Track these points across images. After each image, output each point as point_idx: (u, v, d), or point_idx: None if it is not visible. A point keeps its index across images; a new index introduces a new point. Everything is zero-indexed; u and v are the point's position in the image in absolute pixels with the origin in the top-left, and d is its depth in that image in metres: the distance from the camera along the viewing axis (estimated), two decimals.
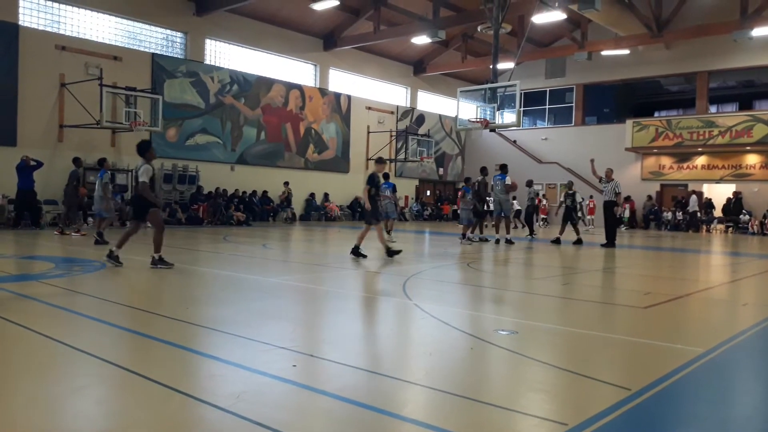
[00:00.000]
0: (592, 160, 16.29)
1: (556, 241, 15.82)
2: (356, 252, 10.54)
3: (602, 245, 15.12)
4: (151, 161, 8.81)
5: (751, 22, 21.67)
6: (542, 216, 26.86)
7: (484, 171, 16.07)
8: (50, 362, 3.98)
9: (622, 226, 27.12)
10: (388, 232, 15.34)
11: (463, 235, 15.26)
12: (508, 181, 15.42)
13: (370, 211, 10.71)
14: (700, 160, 28.03)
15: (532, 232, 18.82)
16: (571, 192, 16.59)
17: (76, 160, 14.70)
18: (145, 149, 8.85)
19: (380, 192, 11.34)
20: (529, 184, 18.78)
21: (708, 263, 13.65)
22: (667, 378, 3.85)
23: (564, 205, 16.63)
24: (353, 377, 3.79)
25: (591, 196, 28.63)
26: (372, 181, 10.87)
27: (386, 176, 16.40)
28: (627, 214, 27.39)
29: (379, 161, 11.61)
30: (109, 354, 4.14)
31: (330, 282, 8.22)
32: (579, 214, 17.49)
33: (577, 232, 16.29)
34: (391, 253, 10.60)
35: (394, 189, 16.39)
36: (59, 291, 6.59)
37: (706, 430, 3.17)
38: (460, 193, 15.93)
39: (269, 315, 5.80)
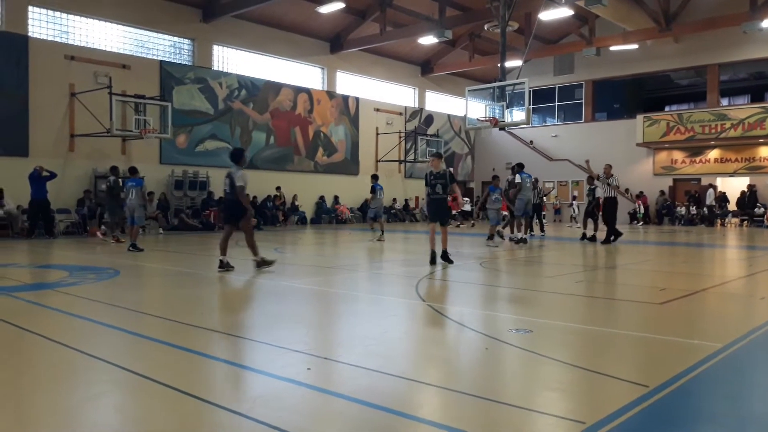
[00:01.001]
0: (587, 161, 16.09)
1: (592, 239, 15.55)
2: (446, 258, 9.99)
3: (602, 242, 14.94)
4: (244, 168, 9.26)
5: (761, 13, 21.47)
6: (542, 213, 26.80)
7: (520, 167, 15.12)
8: (67, 370, 4.01)
9: (637, 222, 26.96)
10: (381, 231, 15.40)
11: (491, 236, 14.42)
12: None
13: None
14: (713, 154, 27.78)
15: (542, 229, 18.75)
16: (593, 187, 16.15)
17: (114, 169, 14.92)
18: (239, 156, 9.36)
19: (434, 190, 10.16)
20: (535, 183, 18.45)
21: (723, 258, 13.51)
22: (684, 374, 3.81)
23: (588, 200, 16.13)
24: (368, 379, 3.78)
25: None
26: (454, 179, 10.38)
27: (375, 177, 16.38)
28: (642, 210, 27.17)
29: (437, 156, 10.52)
30: (125, 361, 4.16)
31: (342, 284, 8.22)
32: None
33: (595, 228, 15.98)
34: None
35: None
36: (74, 299, 6.63)
37: (726, 426, 3.13)
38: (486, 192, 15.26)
39: (283, 318, 5.81)
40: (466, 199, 29.17)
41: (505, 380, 3.92)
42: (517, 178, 14.71)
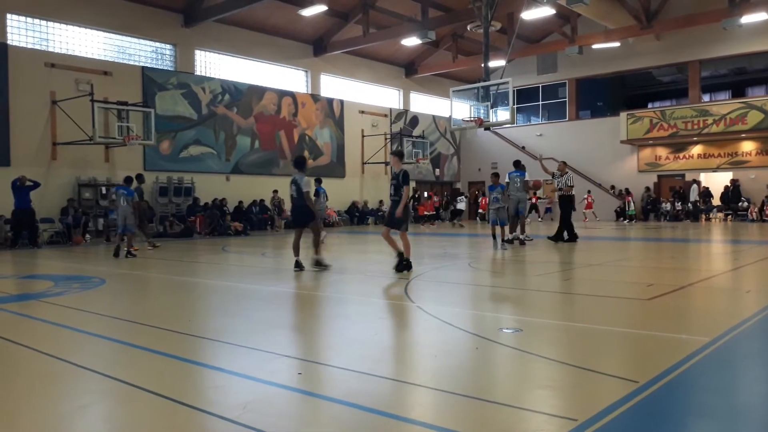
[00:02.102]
0: (541, 159, 15.77)
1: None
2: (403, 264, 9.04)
3: (549, 237, 14.80)
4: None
5: (740, 9, 21.74)
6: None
7: (515, 165, 14.58)
8: (54, 381, 3.95)
9: (625, 219, 27.13)
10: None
11: (506, 240, 13.44)
12: (527, 177, 14.36)
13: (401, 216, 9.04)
14: (696, 150, 28.07)
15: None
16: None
17: (139, 177, 14.94)
18: (302, 163, 9.85)
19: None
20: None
21: (709, 252, 13.64)
22: (674, 369, 3.83)
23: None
24: (359, 382, 3.76)
25: (589, 191, 28.67)
26: (407, 180, 9.09)
27: (319, 181, 16.25)
28: (632, 207, 27.33)
29: (395, 154, 9.52)
30: (112, 370, 4.11)
31: (331, 288, 8.19)
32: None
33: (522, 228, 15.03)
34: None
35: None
36: (60, 309, 6.55)
37: (717, 419, 3.15)
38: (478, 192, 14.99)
39: (272, 324, 5.77)
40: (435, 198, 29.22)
41: (496, 379, 3.92)
42: (506, 178, 14.38)
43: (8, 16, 18.11)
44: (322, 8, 21.84)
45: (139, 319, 6.12)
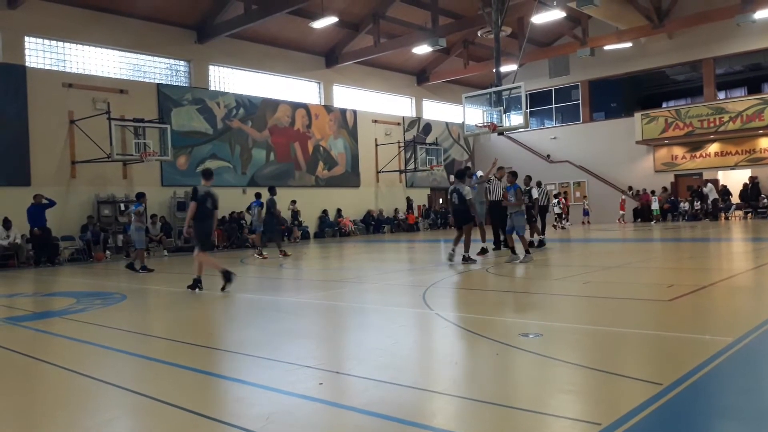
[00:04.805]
0: (495, 160, 14.72)
1: (537, 244, 13.94)
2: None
3: (478, 253, 12.83)
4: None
5: (753, 4, 21.52)
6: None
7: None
8: (79, 396, 4.00)
9: (653, 220, 26.82)
10: (259, 248, 15.74)
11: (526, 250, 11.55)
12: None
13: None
14: (713, 148, 27.76)
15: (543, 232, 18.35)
16: (527, 188, 14.35)
17: (271, 189, 15.59)
18: (464, 174, 11.99)
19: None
20: (539, 184, 17.65)
21: (729, 251, 13.46)
22: (698, 370, 3.78)
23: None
24: (380, 391, 3.76)
25: (623, 192, 28.19)
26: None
27: (258, 195, 16.32)
28: (656, 206, 27.03)
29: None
30: (136, 384, 4.15)
31: (349, 297, 8.20)
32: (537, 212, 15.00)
33: (537, 232, 14.49)
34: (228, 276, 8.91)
35: (262, 206, 15.72)
36: (82, 325, 6.63)
37: (743, 421, 3.11)
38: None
39: (292, 334, 5.79)
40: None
41: (518, 385, 3.90)
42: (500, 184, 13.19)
43: (26, 38, 18.45)
44: (332, 20, 21.98)
45: (160, 333, 6.17)
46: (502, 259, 11.74)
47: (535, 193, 14.61)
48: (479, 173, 14.52)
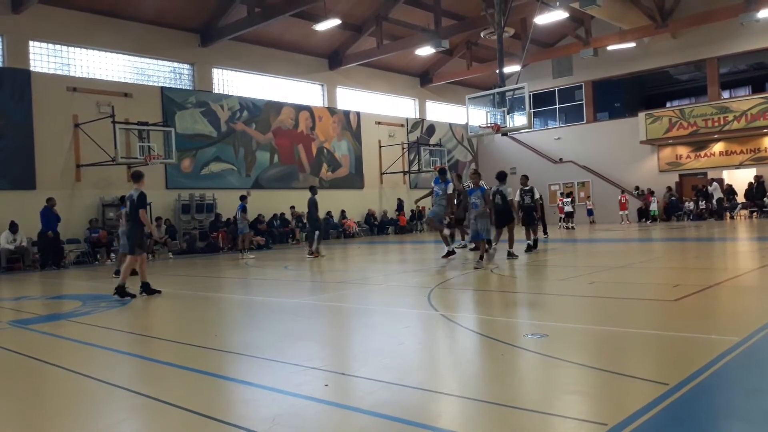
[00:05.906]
0: (471, 162, 14.63)
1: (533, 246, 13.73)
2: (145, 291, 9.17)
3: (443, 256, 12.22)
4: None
5: (757, 4, 21.46)
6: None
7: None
8: (86, 399, 4.02)
9: (648, 220, 26.77)
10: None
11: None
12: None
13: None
14: (718, 147, 27.67)
15: (545, 232, 18.35)
16: (527, 188, 14.31)
17: (312, 188, 16.13)
18: (505, 176, 12.39)
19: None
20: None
21: (735, 251, 13.42)
22: (704, 370, 3.78)
23: (523, 205, 13.96)
24: (386, 392, 3.77)
25: (623, 192, 28.09)
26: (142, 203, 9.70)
27: (242, 198, 16.69)
28: (654, 206, 26.98)
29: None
30: (143, 387, 4.17)
31: (354, 299, 8.21)
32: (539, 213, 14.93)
33: (533, 233, 14.01)
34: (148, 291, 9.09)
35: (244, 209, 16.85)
36: (88, 328, 6.65)
37: (751, 421, 3.10)
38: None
39: (297, 336, 5.80)
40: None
41: (524, 386, 3.90)
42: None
43: (30, 43, 18.52)
44: (335, 22, 22.00)
45: (166, 335, 6.19)
46: (470, 264, 11.29)
47: (536, 193, 14.51)
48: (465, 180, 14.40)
